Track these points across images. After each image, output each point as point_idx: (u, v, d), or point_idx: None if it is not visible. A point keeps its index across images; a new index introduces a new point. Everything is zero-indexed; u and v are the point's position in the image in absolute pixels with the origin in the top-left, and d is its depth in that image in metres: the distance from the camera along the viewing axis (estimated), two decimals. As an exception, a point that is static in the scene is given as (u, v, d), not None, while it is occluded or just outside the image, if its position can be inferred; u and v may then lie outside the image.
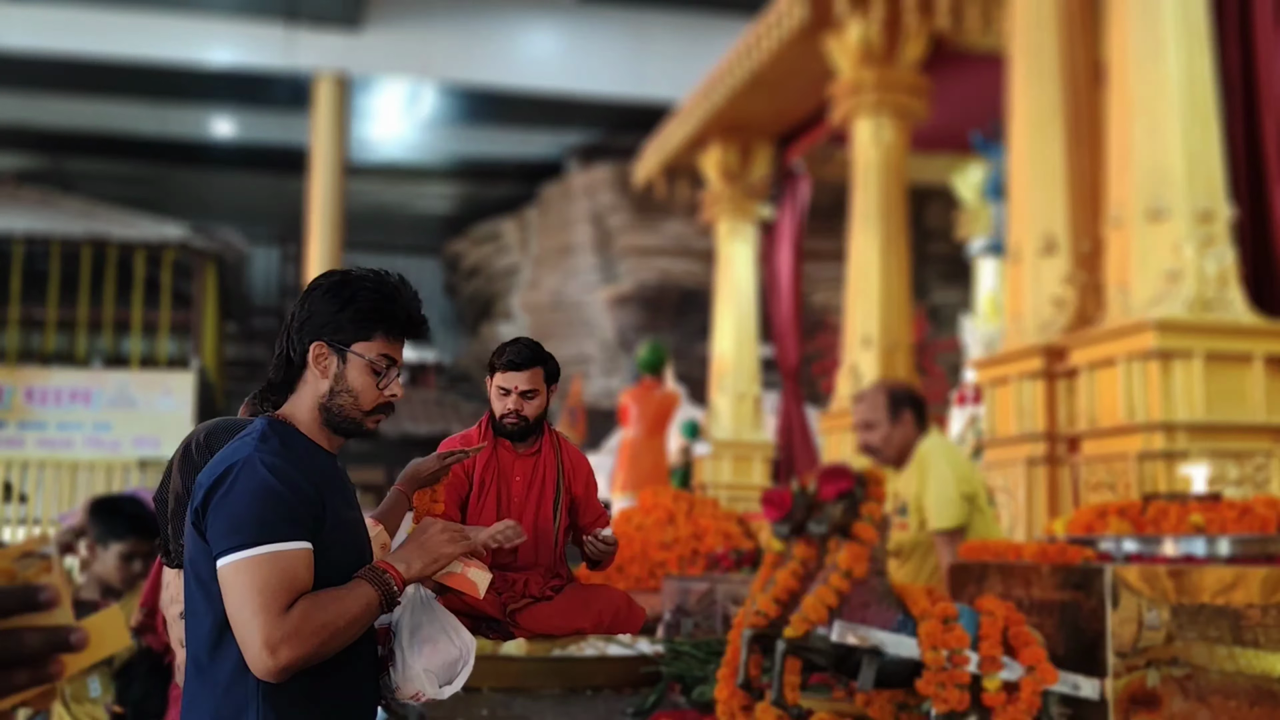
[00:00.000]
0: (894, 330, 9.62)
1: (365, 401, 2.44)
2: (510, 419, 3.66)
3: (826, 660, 2.22)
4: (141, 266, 17.70)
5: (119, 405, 16.60)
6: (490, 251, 22.71)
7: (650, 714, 3.10)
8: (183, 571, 3.62)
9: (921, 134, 10.32)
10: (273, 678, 2.24)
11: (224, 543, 2.25)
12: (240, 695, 2.29)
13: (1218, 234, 5.65)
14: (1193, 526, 2.40)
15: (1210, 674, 2.32)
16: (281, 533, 2.26)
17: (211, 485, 2.30)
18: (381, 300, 2.46)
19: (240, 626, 2.23)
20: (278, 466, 2.31)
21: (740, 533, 8.13)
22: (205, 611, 2.32)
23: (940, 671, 2.17)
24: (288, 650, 2.21)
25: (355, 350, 2.42)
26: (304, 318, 2.43)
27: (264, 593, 2.22)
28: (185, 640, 2.41)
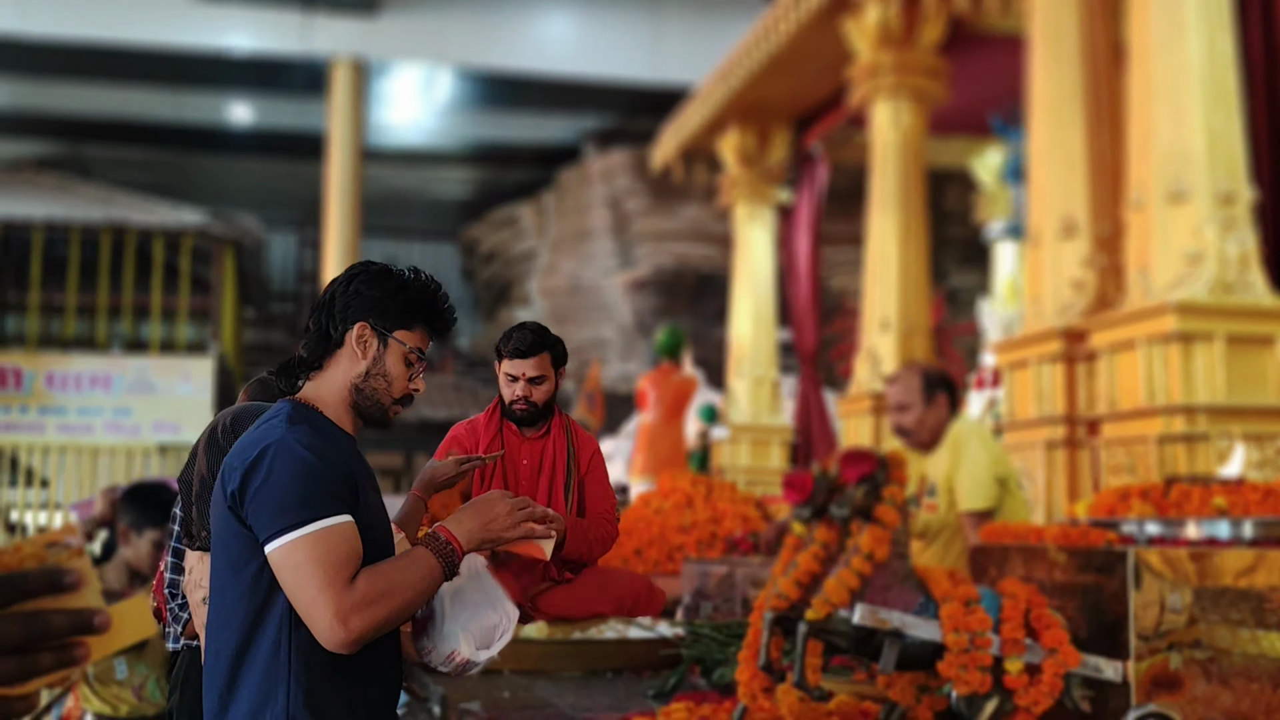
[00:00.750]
0: (912, 314, 9.60)
1: (396, 389, 2.48)
2: (519, 405, 3.68)
3: (848, 643, 2.23)
4: (160, 252, 17.76)
5: (138, 390, 16.66)
6: (507, 236, 22.71)
7: (671, 696, 3.11)
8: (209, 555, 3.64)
9: (940, 117, 10.28)
10: (345, 649, 2.28)
11: (273, 525, 2.27)
12: (274, 675, 2.32)
13: (1239, 216, 5.62)
14: (1215, 509, 2.39)
15: (1233, 657, 2.31)
16: (329, 508, 2.29)
17: (247, 469, 2.32)
18: (429, 295, 2.51)
19: (306, 603, 2.26)
20: (313, 445, 2.33)
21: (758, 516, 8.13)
22: (238, 594, 2.34)
23: (962, 654, 2.17)
24: (359, 620, 2.25)
25: (397, 337, 2.46)
26: (350, 298, 2.46)
27: (326, 567, 2.25)
28: (209, 625, 2.43)
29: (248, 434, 2.44)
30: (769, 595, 2.39)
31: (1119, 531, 2.47)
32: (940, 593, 2.25)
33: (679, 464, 10.94)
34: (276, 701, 2.31)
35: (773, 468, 12.41)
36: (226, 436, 3.52)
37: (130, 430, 16.52)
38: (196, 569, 3.67)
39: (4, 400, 16.27)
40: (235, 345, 19.59)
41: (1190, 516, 2.43)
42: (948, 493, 4.16)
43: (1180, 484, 2.50)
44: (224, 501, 2.35)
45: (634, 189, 20.23)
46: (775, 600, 2.34)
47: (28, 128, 21.01)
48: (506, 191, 23.10)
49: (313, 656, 2.34)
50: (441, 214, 24.36)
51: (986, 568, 2.74)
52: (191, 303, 18.13)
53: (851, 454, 2.31)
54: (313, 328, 2.49)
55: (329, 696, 2.35)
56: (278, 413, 2.44)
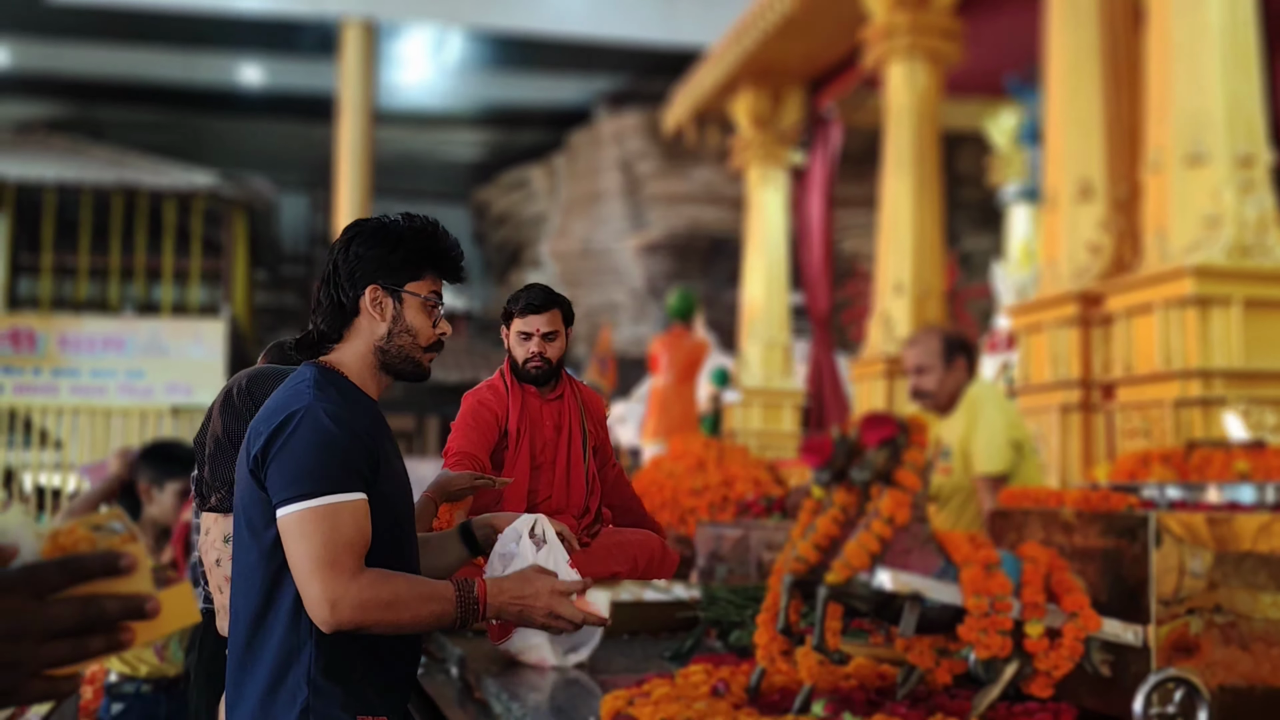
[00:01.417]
0: (926, 277, 9.56)
1: (423, 339, 2.47)
2: (534, 363, 3.67)
3: (868, 606, 2.22)
4: (172, 214, 17.75)
5: (151, 353, 16.69)
6: (518, 199, 22.66)
7: (688, 658, 3.11)
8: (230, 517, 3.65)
9: (954, 78, 10.21)
10: (326, 630, 2.28)
11: (285, 492, 2.27)
12: (295, 638, 2.32)
13: (1258, 179, 5.58)
14: (1237, 474, 2.38)
15: (1253, 621, 2.31)
16: (344, 483, 2.28)
17: (272, 433, 2.31)
18: (428, 239, 2.49)
19: (303, 576, 2.26)
20: (339, 415, 2.33)
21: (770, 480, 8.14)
22: (258, 558, 2.35)
23: (983, 618, 2.17)
24: (349, 613, 2.24)
25: (410, 290, 2.45)
26: (352, 264, 2.44)
27: (328, 546, 2.24)
28: (232, 585, 2.44)
29: (274, 398, 2.44)
30: (787, 559, 2.38)
31: (1139, 496, 2.47)
32: (961, 557, 2.24)
33: (691, 427, 10.95)
34: (299, 664, 2.32)
35: (785, 431, 12.41)
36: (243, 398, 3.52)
37: (143, 392, 16.57)
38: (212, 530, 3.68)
39: (17, 362, 16.31)
40: (247, 308, 19.61)
41: (1212, 481, 2.42)
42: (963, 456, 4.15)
43: (1202, 448, 2.49)
44: (246, 465, 2.35)
45: (646, 151, 20.15)
46: (794, 564, 2.34)
47: (38, 89, 20.97)
48: (517, 154, 23.02)
49: None
50: (452, 176, 24.30)
51: (1005, 532, 2.73)
52: (203, 265, 18.12)
53: (872, 418, 2.31)
54: (324, 301, 2.47)
55: (350, 660, 2.36)
56: (302, 377, 2.43)
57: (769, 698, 2.50)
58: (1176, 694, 2.26)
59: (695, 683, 2.49)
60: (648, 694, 2.37)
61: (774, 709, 2.42)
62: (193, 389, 16.57)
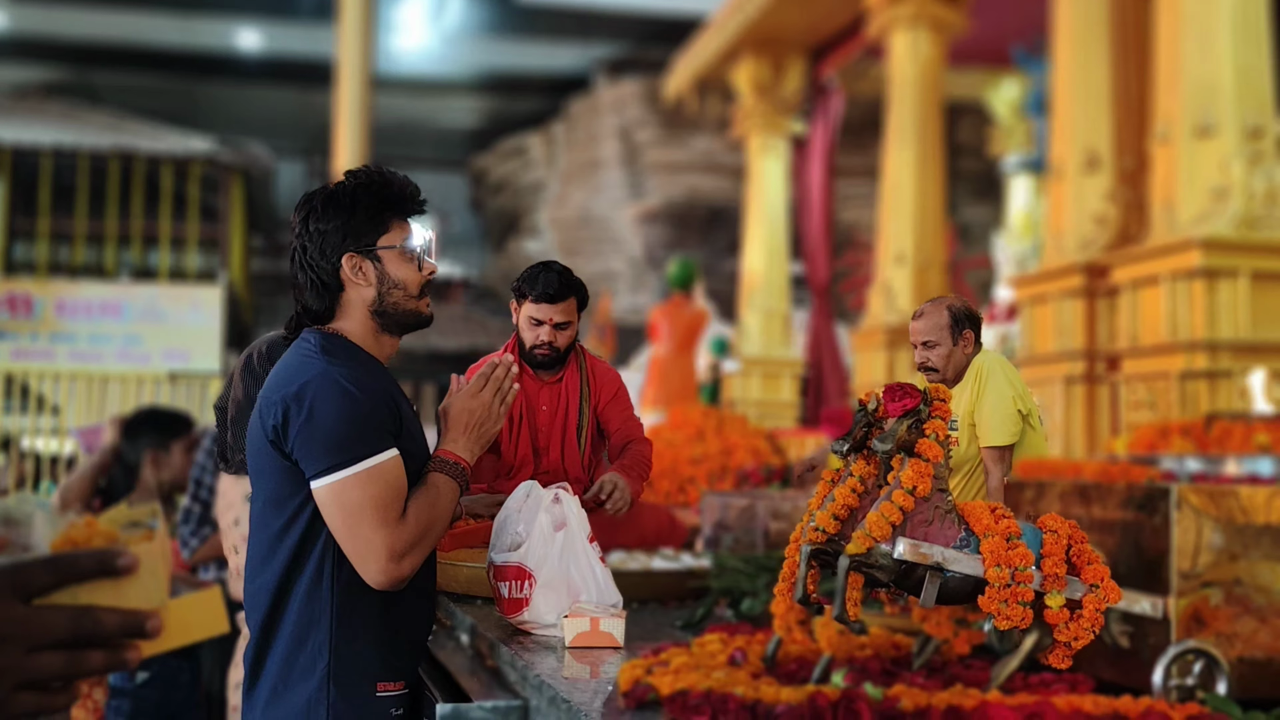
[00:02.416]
0: (928, 247, 9.55)
1: (413, 287, 2.46)
2: (542, 350, 3.64)
3: (888, 576, 2.22)
4: (169, 180, 17.66)
5: (148, 318, 16.64)
6: (516, 166, 22.58)
7: (700, 627, 3.11)
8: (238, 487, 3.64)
9: (957, 48, 10.16)
10: (395, 586, 2.31)
11: (323, 462, 2.26)
12: (315, 606, 2.33)
13: (1267, 151, 5.57)
14: (1257, 446, 2.38)
15: (1272, 594, 2.31)
16: (378, 443, 2.29)
17: (289, 403, 2.30)
18: (379, 189, 2.46)
19: (358, 542, 2.27)
20: (355, 378, 2.32)
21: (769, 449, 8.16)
22: (280, 528, 2.34)
23: (1004, 589, 2.16)
24: (411, 559, 2.29)
25: (383, 245, 2.43)
26: (318, 241, 2.41)
27: (380, 507, 2.26)
28: (247, 557, 2.43)
29: (281, 366, 2.42)
30: (806, 528, 2.38)
31: (1159, 468, 2.46)
32: (981, 528, 2.24)
33: (690, 396, 10.95)
34: (319, 631, 2.33)
35: (783, 400, 12.42)
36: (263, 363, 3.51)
37: (140, 358, 16.53)
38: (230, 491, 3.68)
39: (14, 327, 16.27)
40: (244, 274, 19.55)
41: (1231, 453, 2.41)
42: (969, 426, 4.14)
43: (1221, 420, 2.49)
44: (263, 436, 2.33)
45: (645, 119, 20.07)
46: (812, 533, 2.33)
47: (35, 53, 20.83)
48: (516, 121, 22.92)
49: (353, 588, 2.35)
50: (450, 143, 24.20)
51: (1020, 504, 2.73)
52: (200, 231, 18.05)
53: (895, 388, 2.29)
54: (304, 283, 2.45)
55: (368, 627, 2.36)
56: (308, 345, 2.41)
57: (785, 667, 2.49)
58: (1196, 666, 2.26)
59: (712, 651, 2.48)
60: (666, 663, 2.37)
61: (792, 678, 2.42)
62: (190, 355, 16.54)
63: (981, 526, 2.25)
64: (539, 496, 3.05)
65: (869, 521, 2.23)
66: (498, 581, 3.02)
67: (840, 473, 2.46)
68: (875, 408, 2.38)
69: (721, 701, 2.10)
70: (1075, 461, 2.72)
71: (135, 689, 4.55)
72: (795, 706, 2.05)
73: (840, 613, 2.20)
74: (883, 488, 2.33)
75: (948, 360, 3.13)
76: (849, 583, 2.22)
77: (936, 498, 2.27)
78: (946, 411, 2.31)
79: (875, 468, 2.38)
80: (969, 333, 3.11)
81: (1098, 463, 2.51)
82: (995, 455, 3.04)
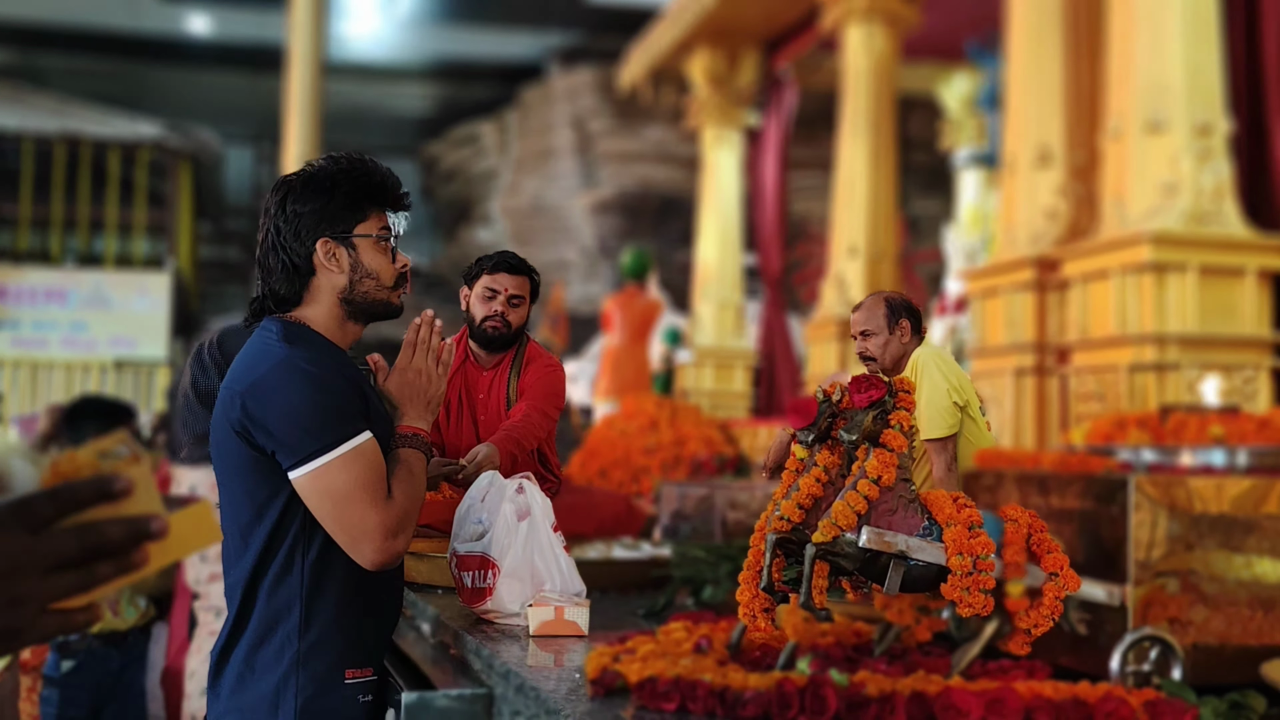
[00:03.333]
0: (880, 240, 9.63)
1: (386, 278, 2.44)
2: (493, 322, 3.64)
3: (853, 564, 2.25)
4: (116, 165, 17.47)
5: (94, 305, 16.46)
6: (468, 154, 22.48)
7: (664, 615, 3.14)
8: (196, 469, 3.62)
9: (910, 42, 10.24)
10: (390, 564, 2.32)
11: (300, 451, 2.25)
12: (284, 597, 2.33)
13: (1215, 147, 5.66)
14: (1212, 438, 2.43)
15: (1226, 583, 2.36)
16: (354, 426, 2.28)
17: (255, 392, 2.28)
18: (362, 176, 2.43)
19: (350, 524, 2.26)
20: (321, 364, 2.32)
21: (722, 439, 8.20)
22: (253, 517, 2.33)
23: (966, 577, 2.20)
24: (405, 535, 2.31)
25: (359, 233, 2.41)
26: (294, 223, 2.38)
27: (367, 487, 2.26)
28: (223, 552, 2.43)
29: (243, 356, 2.40)
30: (770, 518, 2.41)
31: (1116, 459, 2.51)
32: (944, 517, 2.28)
33: (643, 386, 10.97)
34: (289, 620, 2.33)
35: (736, 391, 12.48)
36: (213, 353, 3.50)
37: (86, 345, 16.35)
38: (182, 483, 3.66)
39: (-43, 313, 16.05)
40: (191, 261, 19.36)
41: (1186, 445, 2.47)
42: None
43: (1176, 413, 2.54)
44: (228, 427, 2.32)
45: (598, 109, 20.05)
46: (777, 523, 2.36)
47: (-22, 35, 20.51)
48: (468, 109, 22.81)
49: (322, 576, 2.35)
50: (401, 130, 24.04)
51: (979, 494, 2.77)
52: (148, 217, 17.87)
53: (861, 379, 2.33)
54: (274, 265, 2.42)
55: (337, 616, 2.37)
56: (268, 332, 2.39)
57: (750, 654, 2.53)
58: (1152, 652, 2.32)
59: (677, 639, 2.51)
60: (632, 651, 2.39)
61: (757, 665, 2.45)
62: (137, 342, 16.38)
63: (944, 515, 2.29)
64: (501, 486, 3.06)
65: (835, 510, 2.26)
66: (461, 571, 3.02)
67: (804, 463, 2.49)
68: (840, 399, 2.42)
69: (690, 688, 2.13)
70: (1034, 452, 2.77)
71: (64, 677, 4.52)
72: (763, 693, 2.08)
73: (806, 600, 2.23)
74: (847, 477, 2.36)
75: (884, 349, 3.23)
76: (815, 571, 2.25)
77: (900, 487, 2.30)
78: (911, 403, 2.34)
79: (839, 457, 2.41)
80: (905, 322, 3.20)
81: (1056, 453, 2.55)
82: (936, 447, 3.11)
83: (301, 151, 17.56)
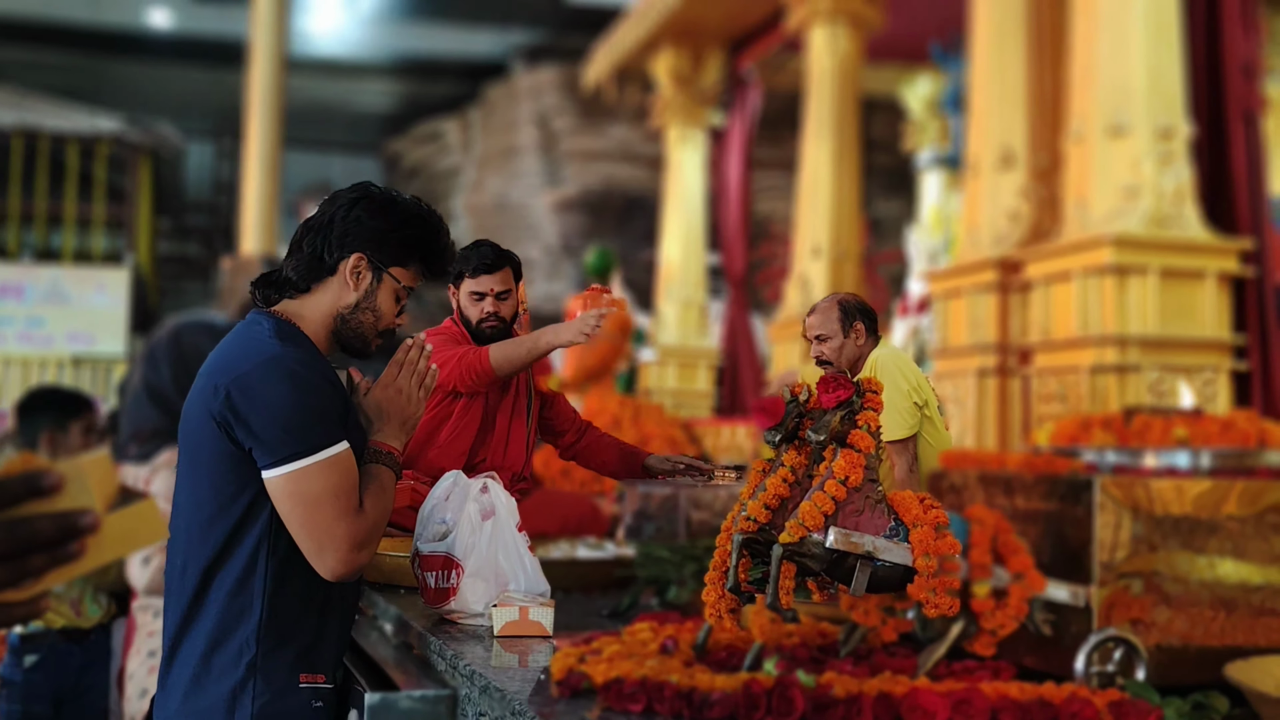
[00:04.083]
0: (844, 240, 9.66)
1: (383, 323, 2.45)
2: (489, 322, 3.64)
3: (820, 565, 2.25)
4: (75, 159, 17.29)
5: (52, 300, 16.28)
6: (431, 151, 22.38)
7: (629, 616, 3.13)
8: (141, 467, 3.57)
9: (874, 44, 10.28)
10: (351, 576, 2.30)
11: (279, 451, 2.23)
12: (243, 600, 2.30)
13: (1176, 151, 5.70)
14: (1176, 440, 2.45)
15: (1189, 584, 2.38)
16: (335, 434, 2.27)
17: (242, 386, 2.26)
18: (431, 233, 2.46)
19: (318, 532, 2.24)
20: (311, 365, 2.30)
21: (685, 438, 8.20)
22: (215, 511, 2.31)
23: (932, 577, 2.21)
24: (370, 548, 2.30)
25: (392, 273, 2.42)
26: (348, 225, 2.39)
27: (340, 497, 2.24)
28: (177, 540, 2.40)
29: (230, 346, 2.38)
30: (737, 518, 2.41)
31: (1081, 460, 2.52)
32: (911, 518, 2.28)
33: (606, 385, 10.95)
34: (248, 622, 2.30)
35: (699, 390, 12.48)
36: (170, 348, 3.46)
37: (43, 341, 16.16)
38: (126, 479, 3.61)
39: (-89, 308, 15.83)
40: (151, 256, 19.19)
41: (1151, 446, 2.48)
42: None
43: (1141, 414, 2.55)
44: (207, 415, 2.30)
45: (563, 107, 20.01)
46: (744, 523, 2.36)
47: (-66, 26, 20.24)
48: (431, 106, 22.71)
49: (285, 579, 2.33)
50: (364, 127, 23.92)
51: (944, 494, 2.78)
52: (107, 212, 17.68)
53: (829, 379, 2.33)
54: (305, 249, 2.42)
55: (295, 619, 2.35)
56: (260, 327, 2.38)
57: (716, 655, 2.52)
58: (1116, 653, 2.33)
59: (643, 640, 2.50)
60: (598, 651, 2.38)
61: (723, 666, 2.44)
62: (95, 338, 16.20)
63: (911, 516, 2.29)
64: (465, 485, 3.04)
65: (802, 511, 2.26)
66: (424, 571, 3.00)
67: (771, 463, 2.49)
68: (807, 399, 2.42)
69: (657, 690, 2.12)
70: (999, 453, 2.78)
71: (25, 674, 4.46)
72: (730, 694, 2.08)
73: (773, 601, 2.23)
74: (814, 477, 2.36)
75: (839, 352, 3.24)
76: (782, 571, 2.25)
77: (867, 488, 2.30)
78: (879, 403, 2.34)
79: (805, 458, 2.41)
80: (860, 325, 3.21)
81: (1021, 454, 2.56)
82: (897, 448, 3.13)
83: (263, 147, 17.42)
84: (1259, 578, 2.40)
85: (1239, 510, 2.39)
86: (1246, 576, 2.39)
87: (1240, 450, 2.47)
